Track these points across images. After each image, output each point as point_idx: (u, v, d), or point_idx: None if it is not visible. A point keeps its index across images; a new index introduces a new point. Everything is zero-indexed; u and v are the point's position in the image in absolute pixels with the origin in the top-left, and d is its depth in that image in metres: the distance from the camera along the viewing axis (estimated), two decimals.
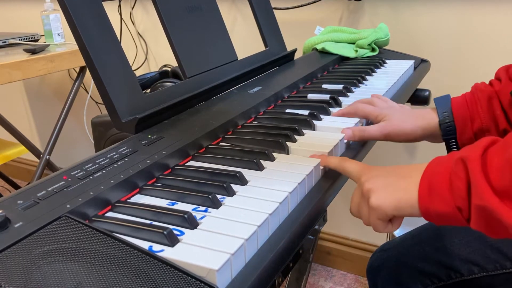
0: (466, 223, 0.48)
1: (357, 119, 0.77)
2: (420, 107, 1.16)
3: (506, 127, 0.73)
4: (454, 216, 0.48)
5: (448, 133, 0.76)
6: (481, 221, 0.46)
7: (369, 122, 0.81)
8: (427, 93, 1.16)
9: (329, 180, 0.62)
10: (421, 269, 0.80)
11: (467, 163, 0.47)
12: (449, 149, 0.77)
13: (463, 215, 0.47)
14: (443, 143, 0.78)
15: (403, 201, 0.51)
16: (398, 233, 1.31)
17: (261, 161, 0.61)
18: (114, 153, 0.58)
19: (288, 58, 1.12)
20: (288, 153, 0.66)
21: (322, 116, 0.80)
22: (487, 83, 0.78)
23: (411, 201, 0.51)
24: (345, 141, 0.72)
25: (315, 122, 0.76)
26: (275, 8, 1.36)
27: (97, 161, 0.56)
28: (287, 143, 0.67)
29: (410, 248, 0.84)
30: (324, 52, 1.20)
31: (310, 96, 0.91)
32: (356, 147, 0.73)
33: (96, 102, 1.93)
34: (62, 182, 0.51)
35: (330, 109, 0.83)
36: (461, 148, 0.76)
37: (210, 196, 0.51)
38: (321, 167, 0.62)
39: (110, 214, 0.51)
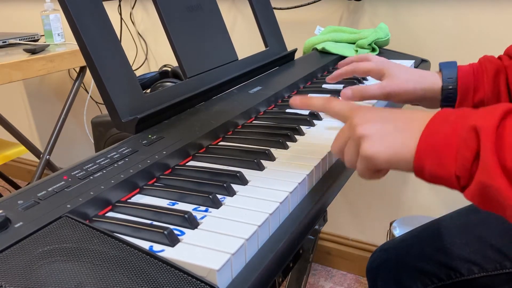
0: (460, 189, 0.45)
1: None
2: (420, 107, 1.17)
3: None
4: (450, 181, 0.45)
5: (448, 100, 0.73)
6: (479, 195, 0.43)
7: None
8: None
9: (329, 180, 0.62)
10: (421, 269, 0.80)
11: (480, 135, 0.43)
12: None
13: (460, 183, 0.44)
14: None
15: (398, 156, 0.47)
16: (398, 233, 1.31)
17: (262, 161, 0.61)
18: (114, 153, 0.58)
19: (288, 58, 1.12)
20: (288, 153, 0.66)
21: (322, 116, 0.80)
22: (496, 57, 0.76)
23: (407, 156, 0.47)
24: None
25: (315, 121, 0.76)
26: (275, 8, 1.36)
27: (97, 161, 0.56)
28: (288, 143, 0.67)
29: (410, 248, 0.84)
30: (324, 52, 1.20)
31: (310, 96, 0.91)
32: None
33: (96, 102, 1.93)
34: (62, 182, 0.51)
35: None
36: None
37: (210, 196, 0.51)
38: (321, 168, 0.62)
39: (110, 214, 0.51)
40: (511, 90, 0.71)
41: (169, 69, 1.19)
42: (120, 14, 1.78)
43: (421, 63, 1.23)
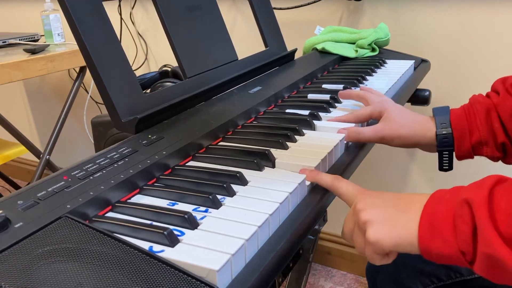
0: (468, 265, 0.46)
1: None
2: (419, 108, 1.17)
3: (505, 140, 0.72)
4: (457, 258, 0.46)
5: (444, 145, 0.74)
6: (487, 267, 0.44)
7: (368, 123, 0.80)
8: (427, 93, 1.16)
9: None
10: (420, 269, 0.80)
11: (473, 207, 0.45)
12: (441, 161, 0.76)
13: (466, 259, 0.46)
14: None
15: (403, 239, 0.49)
16: None
17: (262, 161, 0.61)
18: (114, 153, 0.58)
19: (288, 58, 1.12)
20: (288, 153, 0.66)
21: (322, 116, 0.80)
22: (488, 87, 0.78)
23: (411, 239, 0.49)
24: (345, 141, 0.72)
25: (315, 122, 0.76)
26: (275, 8, 1.36)
27: (97, 161, 0.56)
28: (288, 143, 0.67)
29: None
30: (324, 52, 1.20)
31: (310, 96, 0.91)
32: (355, 149, 0.73)
33: (96, 102, 1.93)
34: (62, 182, 0.51)
35: (330, 109, 0.83)
36: (458, 159, 0.76)
37: (210, 197, 0.51)
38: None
39: (110, 214, 0.51)
40: (506, 126, 0.72)
41: (169, 69, 1.19)
42: (120, 14, 1.78)
43: (421, 63, 1.24)
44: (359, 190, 0.57)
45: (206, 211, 0.50)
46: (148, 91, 1.11)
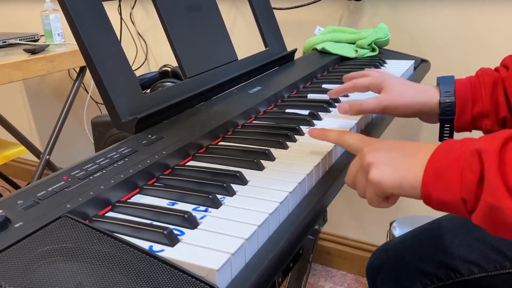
0: (467, 214, 0.46)
1: (356, 120, 0.77)
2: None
3: (506, 115, 0.71)
4: (457, 206, 0.46)
5: (446, 113, 0.73)
6: (487, 218, 0.44)
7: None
8: None
9: (329, 180, 0.62)
10: (421, 269, 0.80)
11: (483, 157, 0.44)
12: (442, 131, 0.76)
13: (467, 207, 0.46)
14: (437, 124, 0.77)
15: (405, 181, 0.49)
16: (398, 233, 1.31)
17: (261, 160, 0.61)
18: (114, 153, 0.58)
19: (288, 58, 1.12)
20: (288, 153, 0.66)
21: (322, 116, 0.80)
22: (493, 68, 0.77)
23: (414, 182, 0.49)
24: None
25: (315, 122, 0.76)
26: (275, 8, 1.36)
27: (97, 161, 0.56)
28: (287, 143, 0.67)
29: (410, 248, 0.84)
30: (324, 52, 1.20)
31: (310, 96, 0.91)
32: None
33: (96, 102, 1.93)
34: (62, 182, 0.51)
35: (330, 109, 0.83)
36: (456, 131, 0.75)
37: (210, 196, 0.51)
38: (321, 168, 0.62)
39: (110, 214, 0.51)
40: (510, 101, 0.71)
41: (169, 69, 1.19)
42: (120, 14, 1.78)
43: (421, 63, 1.24)
44: (366, 138, 0.58)
45: (206, 210, 0.50)
46: (148, 91, 1.11)
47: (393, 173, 0.50)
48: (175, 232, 0.45)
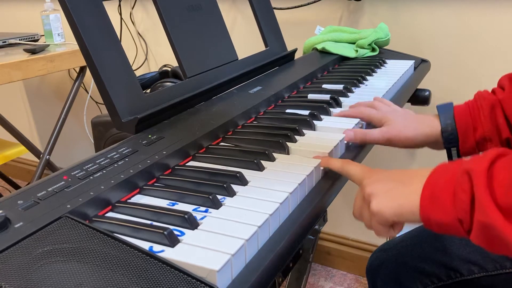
0: (466, 235, 0.47)
1: (357, 120, 0.77)
2: (420, 108, 1.17)
3: (509, 136, 0.72)
4: (455, 227, 0.47)
5: (450, 142, 0.75)
6: (483, 236, 0.45)
7: (369, 125, 0.80)
8: (427, 93, 1.16)
9: (329, 180, 0.62)
10: (421, 269, 0.80)
11: (473, 177, 0.46)
12: (450, 157, 0.77)
13: (464, 227, 0.47)
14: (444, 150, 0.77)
15: (404, 208, 0.51)
16: (398, 233, 1.31)
17: (262, 161, 0.61)
18: (114, 153, 0.58)
19: (288, 58, 1.12)
20: (288, 154, 0.66)
21: (322, 116, 0.80)
22: (489, 86, 0.78)
23: (412, 208, 0.51)
24: (345, 142, 0.72)
25: (315, 122, 0.76)
26: (275, 8, 1.36)
27: (97, 161, 0.56)
28: (288, 143, 0.67)
29: (410, 248, 0.84)
30: (324, 52, 1.20)
31: (310, 96, 0.91)
32: (356, 149, 0.73)
33: (96, 102, 1.93)
34: (62, 182, 0.51)
35: (331, 109, 0.83)
36: (462, 156, 0.76)
37: (210, 197, 0.51)
38: (321, 168, 0.62)
39: (110, 214, 0.51)
40: (510, 122, 0.72)
41: (169, 69, 1.19)
42: (120, 14, 1.78)
43: (421, 63, 1.23)
44: (367, 169, 0.59)
45: (206, 211, 0.50)
46: (148, 91, 1.11)
47: (391, 201, 0.52)
48: (175, 232, 0.45)
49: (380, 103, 0.82)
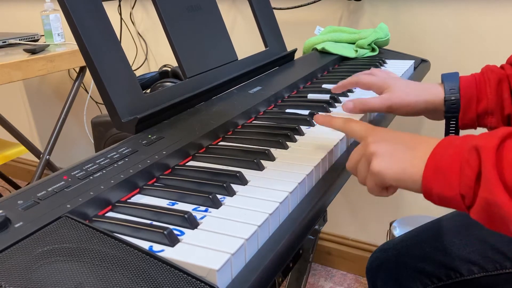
0: (466, 210, 0.47)
1: (360, 115, 0.77)
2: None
3: (511, 113, 0.71)
4: (456, 201, 0.47)
5: (452, 111, 0.73)
6: (484, 213, 0.45)
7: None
8: None
9: (330, 180, 0.62)
10: (421, 269, 0.80)
11: (481, 153, 0.45)
12: (448, 128, 0.76)
13: (465, 202, 0.46)
14: (443, 121, 0.76)
15: (406, 174, 0.50)
16: (398, 233, 1.31)
17: (262, 161, 0.61)
18: (114, 153, 0.58)
19: (288, 58, 1.12)
20: (288, 153, 0.66)
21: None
22: (498, 66, 0.77)
23: (414, 176, 0.49)
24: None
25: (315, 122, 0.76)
26: (275, 8, 1.36)
27: (97, 161, 0.56)
28: (288, 143, 0.67)
29: (410, 248, 0.84)
30: (324, 52, 1.20)
31: (310, 96, 0.91)
32: (356, 144, 0.73)
33: (96, 102, 1.93)
34: (62, 182, 0.51)
35: (330, 109, 0.84)
36: (461, 128, 0.75)
37: (210, 196, 0.51)
38: (321, 168, 0.62)
39: (110, 214, 0.51)
40: None
41: (169, 69, 1.19)
42: (120, 14, 1.78)
43: (421, 63, 1.24)
44: (371, 126, 0.58)
45: (206, 210, 0.50)
46: (148, 91, 1.11)
47: (394, 165, 0.51)
48: (175, 232, 0.45)
49: (378, 71, 0.81)
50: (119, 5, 1.76)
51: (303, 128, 0.74)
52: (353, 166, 0.57)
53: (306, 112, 0.80)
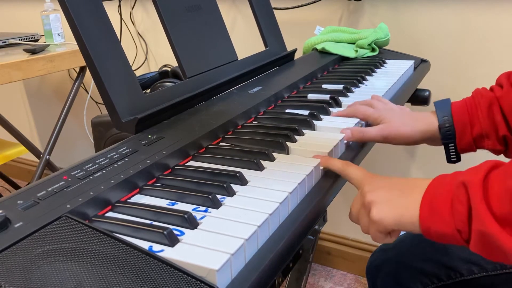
0: (465, 244, 0.49)
1: (356, 120, 0.77)
2: (419, 108, 1.17)
3: (506, 134, 0.73)
4: (454, 237, 0.49)
5: (448, 137, 0.75)
6: (481, 245, 0.47)
7: (369, 123, 0.81)
8: (427, 93, 1.16)
9: (329, 180, 0.62)
10: (421, 269, 0.80)
11: (469, 188, 0.47)
12: (448, 153, 0.77)
13: (463, 237, 0.48)
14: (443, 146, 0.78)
15: (404, 218, 0.52)
16: None
17: (261, 161, 0.61)
18: (114, 153, 0.58)
19: (288, 58, 1.12)
20: (288, 153, 0.66)
21: (322, 116, 0.80)
22: (488, 87, 0.78)
23: (412, 218, 0.52)
24: (345, 141, 0.72)
25: (315, 122, 0.76)
26: (275, 8, 1.36)
27: (97, 161, 0.56)
28: (287, 143, 0.67)
29: (410, 248, 0.84)
30: (324, 52, 1.20)
31: (310, 96, 0.91)
32: (356, 147, 0.73)
33: (96, 102, 1.93)
34: (62, 182, 0.51)
35: (330, 109, 0.84)
36: (460, 152, 0.76)
37: (210, 196, 0.51)
38: (321, 168, 0.62)
39: (110, 214, 0.51)
40: (508, 120, 0.73)
41: (169, 69, 1.19)
42: (120, 14, 1.78)
43: (421, 63, 1.24)
44: (368, 174, 0.60)
45: (206, 211, 0.50)
46: (148, 91, 1.11)
47: (392, 211, 0.53)
48: (175, 232, 0.45)
49: (376, 101, 0.82)
50: (119, 5, 1.76)
51: (303, 128, 0.74)
52: (355, 216, 0.59)
53: (306, 112, 0.80)
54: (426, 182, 0.53)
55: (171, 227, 0.46)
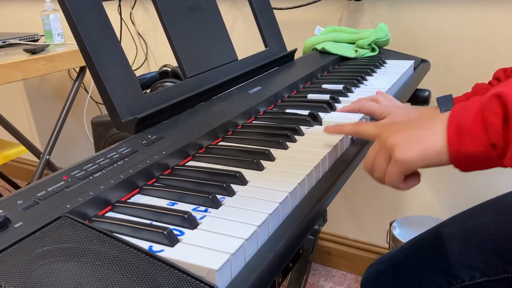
0: (498, 161, 0.47)
1: (360, 115, 0.78)
2: (420, 107, 1.17)
3: None
4: (487, 154, 0.47)
5: None
6: None
7: (373, 119, 0.81)
8: (427, 93, 1.16)
9: (329, 180, 0.62)
10: (420, 277, 0.79)
11: (505, 98, 0.45)
12: None
13: (497, 152, 0.46)
14: None
15: (430, 150, 0.50)
16: (398, 233, 1.31)
17: (261, 161, 0.61)
18: (114, 153, 0.58)
19: (288, 58, 1.12)
20: (288, 153, 0.66)
21: (322, 116, 0.80)
22: (487, 83, 0.79)
23: (438, 148, 0.50)
24: (349, 136, 0.72)
25: (315, 122, 0.76)
26: (275, 8, 1.36)
27: (97, 161, 0.56)
28: (287, 143, 0.67)
29: (409, 257, 0.83)
30: (324, 52, 1.20)
31: (310, 96, 0.91)
32: (361, 142, 0.73)
33: (96, 102, 1.93)
34: (62, 182, 0.51)
35: (330, 109, 0.83)
36: None
37: (210, 196, 0.51)
38: (321, 168, 0.62)
39: (110, 214, 0.51)
40: None
41: (169, 69, 1.19)
42: (120, 14, 1.78)
43: (421, 63, 1.24)
44: (381, 123, 0.60)
45: (205, 210, 0.50)
46: (148, 91, 1.11)
47: (417, 147, 0.51)
48: (175, 232, 0.45)
49: (381, 96, 0.83)
50: (119, 5, 1.77)
51: (303, 128, 0.74)
52: (370, 164, 0.58)
53: (306, 112, 0.80)
54: (446, 112, 0.51)
55: (171, 227, 0.46)
